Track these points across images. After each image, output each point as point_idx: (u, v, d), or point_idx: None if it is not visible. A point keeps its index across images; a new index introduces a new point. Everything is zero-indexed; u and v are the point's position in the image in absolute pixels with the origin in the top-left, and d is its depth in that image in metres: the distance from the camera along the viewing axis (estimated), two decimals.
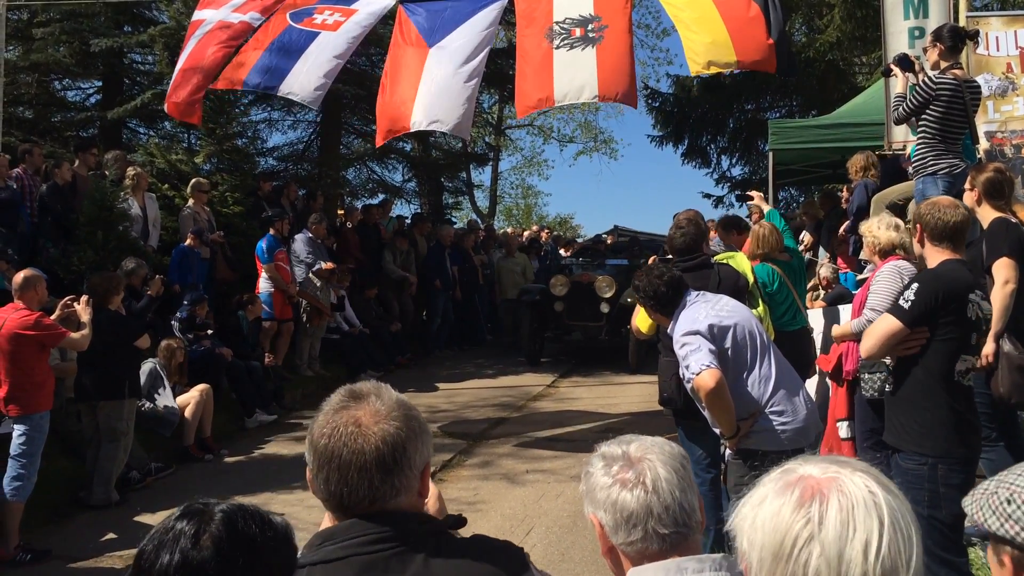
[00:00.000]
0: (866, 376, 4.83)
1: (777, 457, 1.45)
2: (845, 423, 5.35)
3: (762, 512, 1.15)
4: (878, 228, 4.96)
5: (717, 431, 4.09)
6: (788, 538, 1.11)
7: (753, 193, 7.26)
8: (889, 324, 3.48)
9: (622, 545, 1.75)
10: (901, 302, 3.47)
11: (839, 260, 8.39)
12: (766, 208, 6.88)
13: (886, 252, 4.88)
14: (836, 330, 5.26)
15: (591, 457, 1.85)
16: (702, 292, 4.35)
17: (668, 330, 4.24)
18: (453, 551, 1.52)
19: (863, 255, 5.41)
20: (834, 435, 5.42)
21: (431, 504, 1.75)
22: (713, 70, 7.66)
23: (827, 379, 5.84)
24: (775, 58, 7.26)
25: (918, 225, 3.67)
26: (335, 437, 1.54)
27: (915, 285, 3.47)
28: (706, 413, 4.02)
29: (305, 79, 8.23)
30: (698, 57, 7.35)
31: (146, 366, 7.65)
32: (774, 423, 3.97)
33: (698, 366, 3.84)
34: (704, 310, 4.11)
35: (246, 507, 1.36)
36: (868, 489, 1.13)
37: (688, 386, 4.00)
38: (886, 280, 4.71)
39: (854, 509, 1.10)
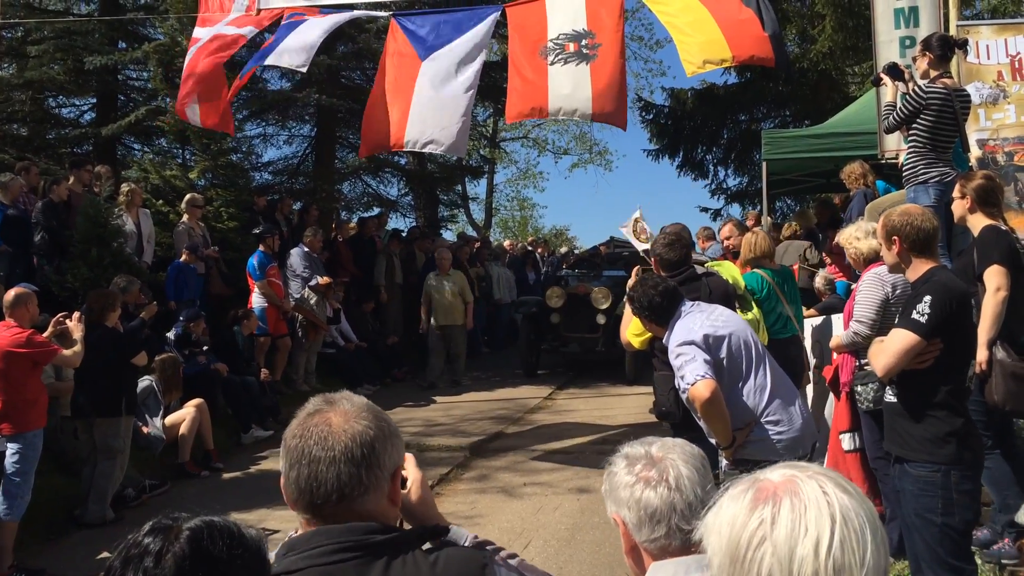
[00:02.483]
0: (860, 388, 4.80)
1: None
2: (848, 435, 5.23)
3: (720, 517, 1.18)
4: (857, 239, 4.96)
5: (713, 442, 4.08)
6: (742, 540, 1.13)
7: None
8: (906, 339, 3.42)
9: (645, 543, 1.79)
10: (915, 315, 3.40)
11: (831, 268, 8.39)
12: None
13: (870, 260, 4.89)
14: (832, 342, 5.24)
15: (613, 458, 1.92)
16: (697, 302, 4.35)
17: (664, 340, 4.23)
18: (414, 562, 1.53)
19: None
20: (837, 447, 5.30)
21: (414, 491, 1.75)
22: (709, 68, 7.59)
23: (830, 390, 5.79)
24: (772, 51, 7.24)
25: (895, 238, 3.61)
26: (306, 437, 1.59)
27: (927, 297, 3.40)
28: (701, 423, 4.01)
29: (293, 46, 8.36)
30: (692, 57, 7.34)
31: (142, 383, 7.62)
32: (770, 433, 3.96)
33: (693, 376, 3.84)
34: (699, 320, 4.10)
35: (215, 523, 1.35)
36: (822, 490, 1.14)
37: (684, 397, 4.00)
38: (868, 289, 4.70)
39: (806, 510, 1.11)
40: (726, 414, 3.91)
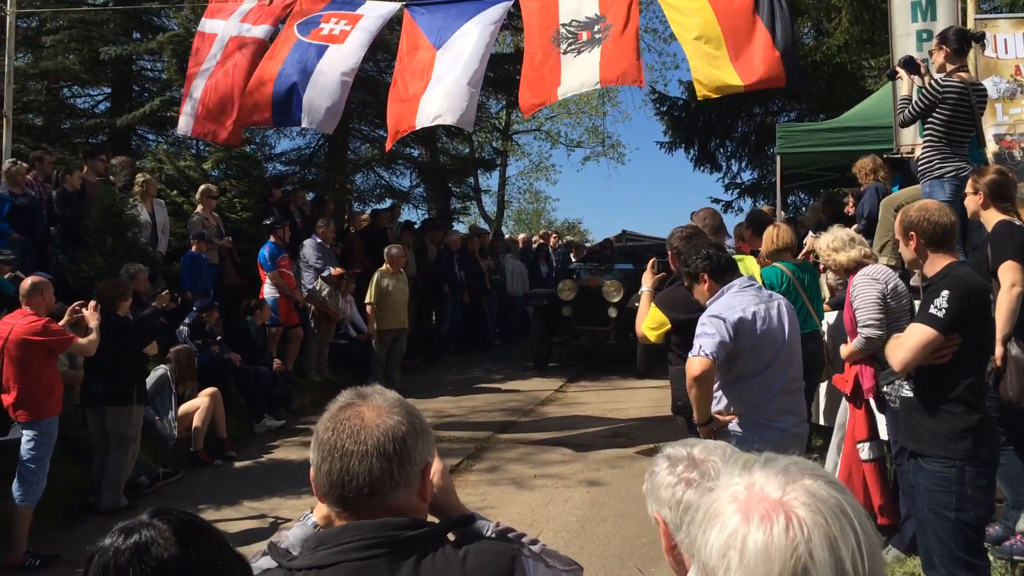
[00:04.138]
0: (887, 389, 4.72)
1: None
2: (867, 444, 5.15)
3: (747, 553, 1.06)
4: (835, 251, 4.89)
5: (694, 417, 4.11)
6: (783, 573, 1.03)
7: None
8: (924, 334, 3.39)
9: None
10: (933, 310, 3.38)
11: None
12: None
13: (851, 270, 4.83)
14: (843, 352, 5.13)
15: (655, 458, 1.95)
16: (758, 285, 4.33)
17: (707, 302, 4.20)
18: (444, 557, 1.53)
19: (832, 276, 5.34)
20: (854, 456, 5.22)
21: (435, 479, 1.75)
22: (720, 94, 7.67)
23: (845, 400, 5.68)
24: (784, 71, 7.27)
25: (912, 233, 3.58)
26: (339, 431, 1.58)
27: (945, 292, 3.38)
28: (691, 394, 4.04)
29: (319, 102, 8.37)
30: (705, 80, 7.41)
31: (157, 372, 7.68)
32: (752, 434, 3.98)
33: (698, 349, 3.90)
34: (747, 301, 4.07)
35: (165, 507, 1.42)
36: (827, 494, 1.08)
37: None
38: (864, 292, 4.64)
39: (829, 525, 1.05)
40: (709, 396, 4.00)
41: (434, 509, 1.75)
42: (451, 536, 1.67)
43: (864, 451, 5.15)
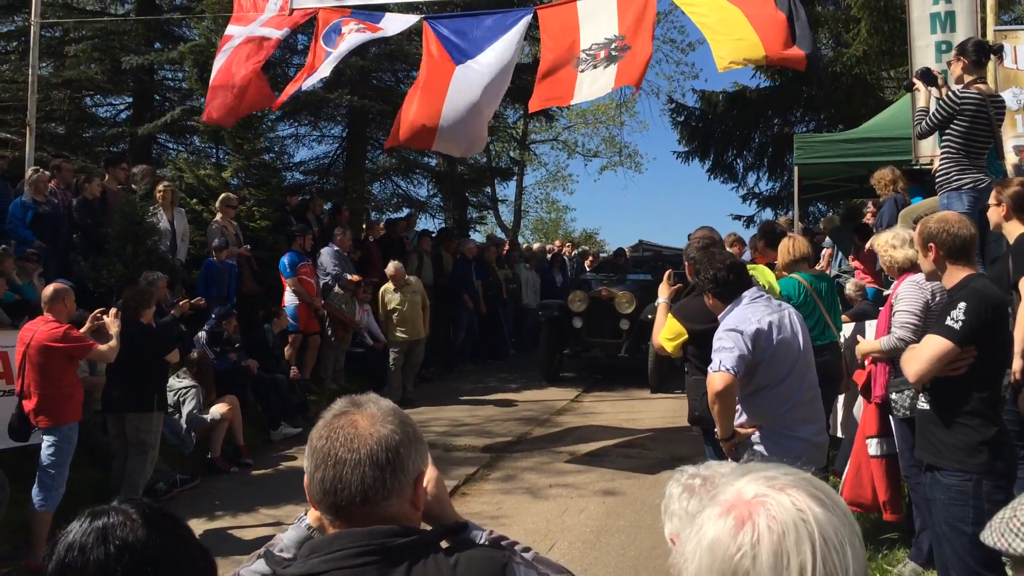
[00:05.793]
0: (895, 396, 4.72)
1: None
2: (875, 440, 5.18)
3: (701, 543, 1.11)
4: (893, 247, 4.90)
5: (716, 432, 4.11)
6: (727, 572, 1.07)
7: None
8: (940, 345, 3.38)
9: None
10: (949, 322, 3.37)
11: (859, 274, 8.31)
12: None
13: (904, 269, 4.83)
14: (862, 347, 5.15)
15: (669, 481, 1.94)
16: (766, 294, 4.32)
17: (719, 316, 4.20)
18: (435, 564, 1.55)
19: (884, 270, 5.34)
20: (863, 452, 5.27)
21: (430, 488, 1.76)
22: (741, 64, 7.50)
23: (859, 395, 5.72)
24: (804, 57, 7.18)
25: (931, 245, 3.59)
26: (332, 438, 1.59)
27: (962, 304, 3.37)
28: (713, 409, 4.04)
29: (328, 64, 8.66)
30: (725, 53, 7.25)
31: (181, 383, 7.75)
32: (774, 447, 3.97)
33: (718, 364, 3.90)
34: (761, 312, 4.07)
35: (135, 496, 1.47)
36: (796, 507, 1.09)
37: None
38: (909, 295, 4.64)
39: (785, 536, 1.06)
40: (731, 409, 3.98)
41: (428, 518, 1.76)
42: (444, 544, 1.68)
43: (872, 446, 5.17)
